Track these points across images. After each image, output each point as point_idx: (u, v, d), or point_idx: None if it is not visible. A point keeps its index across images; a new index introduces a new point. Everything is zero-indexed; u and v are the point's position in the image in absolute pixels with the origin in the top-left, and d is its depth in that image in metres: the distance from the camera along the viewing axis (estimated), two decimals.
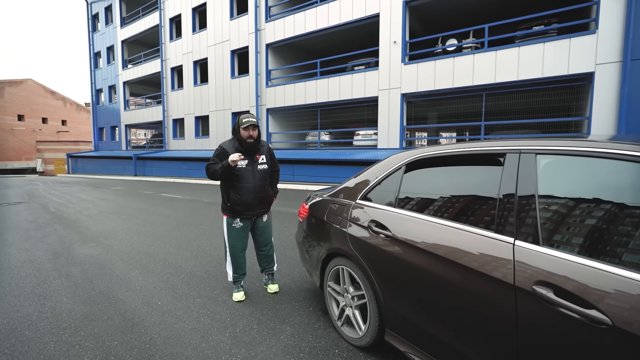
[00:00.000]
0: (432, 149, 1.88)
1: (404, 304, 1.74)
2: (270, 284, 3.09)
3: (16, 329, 2.50)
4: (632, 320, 0.95)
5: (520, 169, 1.38)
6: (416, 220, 1.74)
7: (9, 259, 4.21)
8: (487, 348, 1.35)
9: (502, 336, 1.28)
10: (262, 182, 2.88)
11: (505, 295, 1.25)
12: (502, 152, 1.49)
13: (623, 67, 8.35)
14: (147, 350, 2.20)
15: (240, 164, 2.75)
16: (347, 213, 2.22)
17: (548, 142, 1.37)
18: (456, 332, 1.47)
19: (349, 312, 2.22)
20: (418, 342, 1.71)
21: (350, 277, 2.19)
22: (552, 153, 1.33)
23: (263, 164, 2.89)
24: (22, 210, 8.21)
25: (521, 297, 1.21)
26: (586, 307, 1.04)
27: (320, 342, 2.26)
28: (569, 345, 1.09)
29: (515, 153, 1.44)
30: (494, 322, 1.30)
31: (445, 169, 1.82)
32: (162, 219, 6.60)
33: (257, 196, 2.85)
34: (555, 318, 1.11)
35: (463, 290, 1.42)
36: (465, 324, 1.43)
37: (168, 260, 4.08)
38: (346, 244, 2.13)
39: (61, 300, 2.99)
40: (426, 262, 1.60)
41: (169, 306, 2.84)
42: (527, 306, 1.19)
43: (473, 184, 1.62)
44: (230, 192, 2.82)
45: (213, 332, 2.40)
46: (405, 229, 1.76)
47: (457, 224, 1.53)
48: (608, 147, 1.19)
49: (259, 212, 2.93)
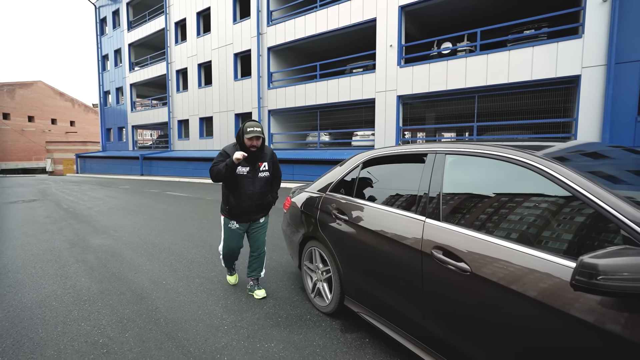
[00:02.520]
0: (382, 150, 2.33)
1: (356, 273, 2.20)
2: (257, 290, 3.01)
3: (45, 301, 2.99)
4: (483, 268, 1.40)
5: (435, 165, 1.83)
6: (364, 207, 2.19)
7: (31, 248, 4.73)
8: (406, 296, 1.80)
9: (414, 286, 1.72)
10: (262, 190, 2.85)
11: (416, 257, 1.70)
12: (425, 152, 1.94)
13: (607, 70, 8.68)
14: (153, 316, 2.67)
15: (241, 170, 2.73)
16: (318, 203, 2.67)
17: (454, 145, 1.81)
18: (386, 289, 1.92)
19: (319, 286, 2.68)
20: (365, 302, 2.16)
21: (320, 256, 2.64)
22: (455, 153, 1.78)
23: (264, 171, 2.85)
24: (37, 207, 8.78)
25: (425, 258, 1.65)
26: (458, 261, 1.49)
27: (296, 310, 2.72)
28: (449, 286, 1.54)
29: (433, 153, 1.88)
30: (409, 277, 1.75)
31: (389, 165, 2.27)
32: (167, 215, 7.11)
33: (256, 203, 2.84)
34: (442, 270, 1.56)
35: (391, 257, 1.87)
36: (392, 282, 1.88)
37: (172, 249, 4.56)
38: (316, 229, 2.59)
39: (80, 280, 3.48)
40: (369, 239, 2.05)
41: (172, 284, 3.31)
42: (427, 264, 1.64)
43: (405, 176, 2.06)
44: (229, 196, 2.83)
45: (208, 304, 2.87)
46: (357, 214, 2.21)
47: (391, 208, 1.98)
48: (488, 149, 1.63)
49: (255, 218, 2.94)
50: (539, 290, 1.21)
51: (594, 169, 1.47)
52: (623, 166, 1.64)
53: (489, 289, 1.36)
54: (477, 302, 1.42)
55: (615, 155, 1.74)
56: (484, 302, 1.39)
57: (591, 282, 0.95)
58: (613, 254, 0.95)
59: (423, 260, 1.66)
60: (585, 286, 0.97)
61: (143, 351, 2.19)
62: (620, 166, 1.63)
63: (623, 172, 1.59)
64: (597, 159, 1.68)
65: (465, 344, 1.49)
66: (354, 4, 13.13)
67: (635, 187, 1.44)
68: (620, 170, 1.60)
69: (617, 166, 1.63)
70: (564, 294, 1.14)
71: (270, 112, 16.18)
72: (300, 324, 2.50)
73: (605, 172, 1.50)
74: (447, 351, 1.59)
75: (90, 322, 2.60)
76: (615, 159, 1.70)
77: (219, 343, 2.28)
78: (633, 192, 1.29)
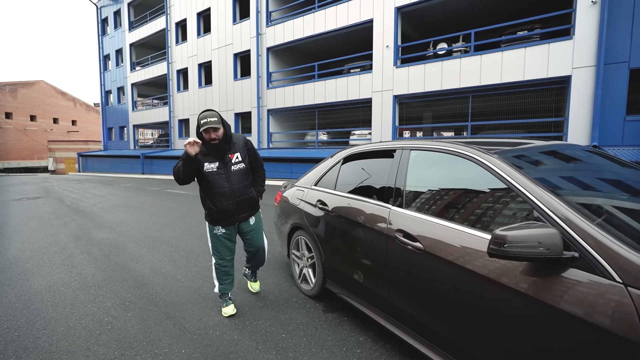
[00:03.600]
0: (359, 147, 2.57)
1: (335, 258, 2.44)
2: (252, 282, 2.99)
3: (54, 286, 3.24)
4: (432, 245, 1.64)
5: (401, 160, 2.07)
6: (342, 198, 2.43)
7: (38, 241, 4.99)
8: (375, 275, 2.04)
9: (381, 265, 1.97)
10: (241, 185, 2.49)
11: (383, 240, 1.94)
12: (394, 148, 2.18)
13: (597, 71, 8.89)
14: (153, 299, 2.92)
15: (210, 167, 2.41)
16: (304, 196, 2.91)
17: (418, 142, 2.05)
18: (360, 270, 2.16)
19: (305, 271, 2.92)
20: (343, 284, 2.40)
21: (306, 244, 2.88)
22: (418, 149, 2.02)
23: (238, 163, 2.49)
24: (41, 204, 9.04)
25: (389, 241, 1.89)
26: (414, 241, 1.73)
27: (284, 294, 2.96)
28: (408, 263, 1.78)
29: (400, 149, 2.12)
30: (378, 258, 1.99)
31: (365, 160, 2.52)
32: (167, 211, 7.36)
33: (236, 201, 2.47)
34: (402, 250, 1.80)
35: (364, 242, 2.12)
36: (364, 264, 2.12)
37: (171, 242, 4.81)
38: (302, 219, 2.83)
39: (85, 269, 3.73)
40: (346, 226, 2.29)
41: (170, 273, 3.56)
42: (391, 245, 1.88)
43: (378, 170, 2.30)
44: (206, 199, 2.52)
45: (204, 289, 3.12)
46: (336, 205, 2.45)
47: (365, 198, 2.22)
48: (444, 145, 1.87)
49: (241, 217, 2.56)
50: (470, 260, 1.45)
51: (537, 167, 1.70)
52: (573, 167, 1.85)
53: (436, 263, 1.60)
54: (428, 274, 1.66)
55: (574, 158, 1.93)
56: (433, 274, 1.63)
57: (500, 249, 1.18)
58: (518, 227, 1.19)
59: (388, 243, 1.90)
60: (497, 253, 1.20)
61: (144, 328, 2.44)
62: (570, 167, 1.85)
63: (569, 171, 1.80)
64: (549, 159, 1.89)
65: (420, 312, 1.73)
66: (351, 5, 13.35)
67: (569, 183, 1.67)
68: (568, 170, 1.81)
69: (568, 168, 1.84)
70: (485, 261, 1.39)
71: (269, 111, 16.42)
72: (287, 306, 2.75)
73: (548, 170, 1.73)
74: (408, 321, 1.83)
75: (96, 304, 2.85)
76: (569, 161, 1.90)
77: (212, 321, 2.52)
78: (564, 186, 1.53)
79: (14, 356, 2.12)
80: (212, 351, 2.14)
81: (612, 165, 1.88)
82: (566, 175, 1.73)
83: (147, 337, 2.31)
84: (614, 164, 1.89)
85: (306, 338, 2.26)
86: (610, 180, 1.79)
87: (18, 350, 2.18)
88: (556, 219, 1.24)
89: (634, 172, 1.81)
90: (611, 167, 1.87)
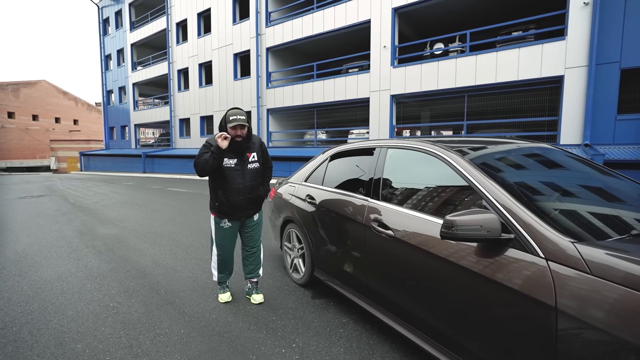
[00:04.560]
0: (344, 146, 2.78)
1: (321, 247, 2.65)
2: (255, 294, 2.83)
3: (62, 277, 3.46)
4: (400, 232, 1.85)
5: (379, 157, 2.28)
6: (328, 192, 2.65)
7: (45, 236, 5.21)
8: (355, 262, 2.25)
9: (360, 252, 2.18)
10: (253, 183, 2.65)
11: (361, 230, 2.15)
12: (374, 147, 2.39)
13: (589, 71, 9.06)
14: (154, 287, 3.14)
15: (229, 163, 2.55)
16: (294, 191, 3.13)
17: (394, 140, 2.26)
18: (342, 258, 2.38)
19: (296, 262, 3.14)
20: (329, 271, 2.62)
21: (296, 236, 3.09)
22: (393, 147, 2.23)
23: (254, 162, 2.65)
24: (46, 202, 9.28)
25: (367, 230, 2.10)
26: (387, 229, 1.94)
27: (277, 283, 3.18)
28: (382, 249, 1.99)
29: (379, 147, 2.33)
30: (357, 246, 2.21)
31: (349, 158, 2.73)
32: (168, 208, 7.59)
33: (247, 198, 2.63)
34: (377, 238, 2.01)
35: (346, 232, 2.33)
36: (346, 252, 2.34)
37: (172, 236, 5.03)
38: (293, 213, 3.04)
39: (90, 262, 3.96)
40: (331, 218, 2.50)
41: (171, 264, 3.78)
42: (368, 234, 2.09)
43: (360, 166, 2.51)
44: (218, 191, 2.63)
45: (202, 279, 3.34)
46: (323, 199, 2.67)
47: (348, 192, 2.44)
48: (414, 143, 2.07)
49: (248, 213, 2.73)
50: (432, 244, 1.66)
51: (492, 163, 1.89)
52: (529, 164, 2.04)
53: (404, 248, 1.81)
54: (398, 259, 1.87)
55: (534, 155, 2.12)
56: (402, 258, 1.85)
57: (450, 232, 1.39)
58: (464, 213, 1.39)
59: (366, 232, 2.11)
60: (447, 235, 1.41)
61: (146, 312, 2.66)
62: (527, 164, 2.03)
63: (524, 168, 1.99)
64: (508, 156, 2.07)
65: (392, 293, 1.94)
66: (349, 6, 13.53)
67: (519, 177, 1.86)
68: (523, 167, 2.00)
69: (525, 164, 2.02)
70: (440, 243, 1.61)
71: (269, 111, 16.63)
72: (279, 293, 2.96)
73: (503, 166, 1.93)
74: (383, 302, 2.04)
75: (102, 292, 3.07)
76: (527, 159, 2.08)
77: (208, 306, 2.74)
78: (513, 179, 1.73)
79: (29, 335, 2.34)
80: (208, 331, 2.35)
81: (574, 163, 2.06)
82: (520, 171, 1.93)
83: (149, 320, 2.53)
84: (576, 163, 2.07)
85: (294, 320, 2.48)
86: (564, 176, 1.99)
87: (32, 331, 2.40)
88: (498, 206, 1.45)
89: (589, 169, 2.01)
90: (571, 164, 2.06)
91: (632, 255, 1.11)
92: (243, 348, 2.15)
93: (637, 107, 8.82)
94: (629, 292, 1.03)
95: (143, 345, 2.20)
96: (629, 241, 1.27)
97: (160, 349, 2.15)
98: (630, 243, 1.26)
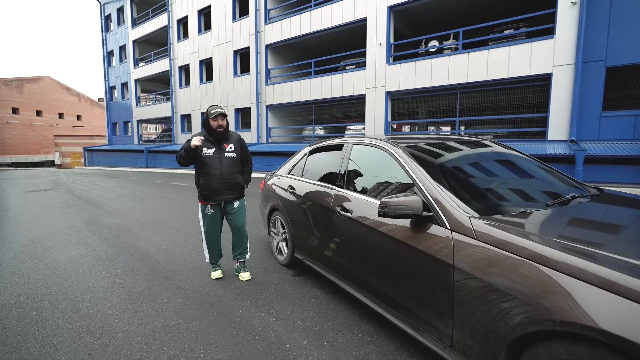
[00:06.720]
0: (321, 142, 3.16)
1: (299, 230, 3.05)
2: (242, 272, 3.23)
3: (73, 259, 3.88)
4: (356, 213, 2.23)
5: (346, 152, 2.66)
6: (305, 183, 3.04)
7: (55, 225, 5.64)
8: (325, 241, 2.64)
9: (328, 233, 2.57)
10: (229, 169, 3.06)
11: (329, 214, 2.54)
12: (343, 143, 2.77)
13: (575, 69, 9.34)
14: (156, 267, 3.55)
15: (208, 152, 3.00)
16: (279, 182, 3.52)
17: (357, 138, 2.64)
18: (315, 239, 2.77)
19: (280, 245, 3.54)
20: (306, 251, 3.01)
21: (281, 222, 3.49)
22: (357, 143, 2.61)
23: (230, 152, 3.09)
24: (53, 195, 9.73)
25: (333, 213, 2.49)
26: (347, 212, 2.32)
27: (263, 264, 3.58)
28: (343, 228, 2.38)
29: (347, 144, 2.71)
30: (326, 228, 2.60)
31: (324, 152, 3.11)
32: (169, 201, 8.01)
33: (224, 182, 3.03)
34: (341, 220, 2.40)
35: (318, 216, 2.72)
36: (318, 234, 2.73)
37: (172, 225, 5.45)
38: (278, 202, 3.44)
39: (98, 247, 4.37)
40: (307, 205, 2.89)
41: (171, 249, 4.19)
42: (334, 217, 2.48)
43: (332, 160, 2.89)
44: (200, 178, 3.07)
45: (197, 261, 3.75)
46: (301, 188, 3.06)
47: (321, 183, 2.82)
48: (371, 140, 2.45)
49: (227, 198, 3.10)
50: (373, 222, 2.05)
51: (429, 155, 2.25)
52: (466, 157, 2.39)
53: (359, 226, 2.20)
54: (354, 236, 2.27)
55: (474, 149, 2.49)
56: (357, 235, 2.23)
57: (384, 211, 1.77)
58: (396, 196, 1.77)
59: (333, 216, 2.50)
60: (382, 214, 1.79)
61: (148, 287, 3.07)
62: (463, 157, 2.39)
63: (459, 160, 2.35)
64: (447, 150, 2.42)
65: (351, 265, 2.34)
66: (346, 4, 13.80)
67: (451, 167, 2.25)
68: (459, 159, 2.36)
69: (461, 157, 2.38)
70: (384, 221, 1.99)
71: (268, 107, 16.98)
72: (264, 272, 3.37)
73: (441, 159, 2.30)
74: (345, 273, 2.44)
75: (109, 271, 3.48)
76: (466, 152, 2.45)
77: (202, 282, 3.15)
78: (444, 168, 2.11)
79: (49, 304, 2.75)
80: (200, 301, 2.76)
81: (506, 155, 2.44)
82: (450, 162, 2.27)
83: (151, 292, 2.94)
84: (508, 155, 2.45)
85: (274, 293, 2.88)
86: (491, 166, 2.36)
87: (52, 300, 2.81)
88: (423, 190, 1.84)
89: (519, 160, 2.39)
90: (504, 156, 2.44)
91: (505, 224, 1.49)
92: (229, 313, 2.55)
93: (621, 104, 9.11)
94: (494, 250, 1.41)
95: (145, 311, 2.61)
96: (516, 216, 1.65)
97: (160, 314, 2.55)
98: (515, 217, 1.63)
